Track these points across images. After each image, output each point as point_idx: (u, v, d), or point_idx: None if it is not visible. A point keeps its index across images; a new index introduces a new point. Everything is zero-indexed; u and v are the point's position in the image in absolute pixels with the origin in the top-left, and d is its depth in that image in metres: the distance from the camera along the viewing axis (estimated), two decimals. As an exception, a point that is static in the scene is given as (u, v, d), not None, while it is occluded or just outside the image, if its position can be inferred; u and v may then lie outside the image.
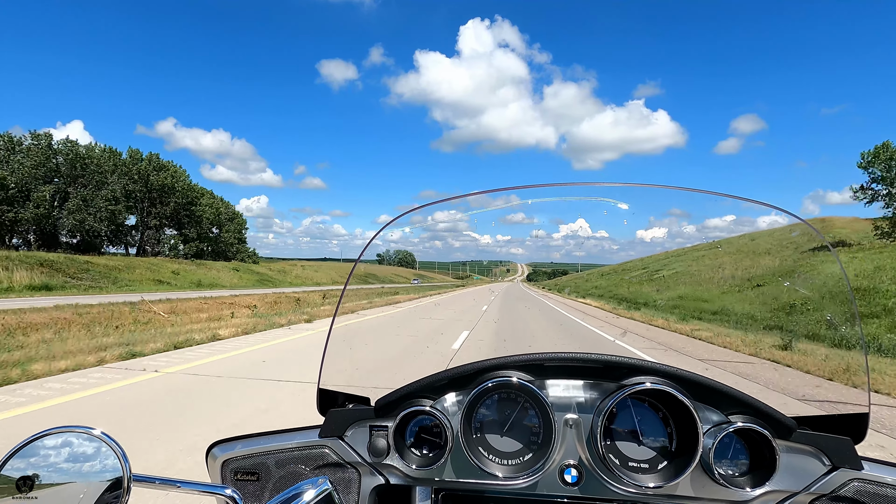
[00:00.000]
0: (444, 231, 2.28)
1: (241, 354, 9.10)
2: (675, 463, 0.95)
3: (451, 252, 10.82)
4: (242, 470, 1.08)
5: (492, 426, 1.04)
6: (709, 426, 0.95)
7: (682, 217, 1.44)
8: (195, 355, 8.86)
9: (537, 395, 0.97)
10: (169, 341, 9.77)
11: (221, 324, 13.59)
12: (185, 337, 10.41)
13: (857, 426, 0.98)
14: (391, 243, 1.37)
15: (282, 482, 1.05)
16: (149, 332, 11.76)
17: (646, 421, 0.99)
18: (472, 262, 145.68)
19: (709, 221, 1.65)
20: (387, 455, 1.03)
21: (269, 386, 6.57)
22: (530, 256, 6.38)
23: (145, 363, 7.97)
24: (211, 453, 1.11)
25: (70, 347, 8.69)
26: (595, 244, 2.73)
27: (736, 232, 1.88)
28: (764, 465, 0.93)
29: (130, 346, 8.95)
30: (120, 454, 0.79)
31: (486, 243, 6.43)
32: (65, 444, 0.79)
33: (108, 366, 7.72)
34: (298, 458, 1.07)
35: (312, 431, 1.10)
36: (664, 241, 1.91)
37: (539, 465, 0.97)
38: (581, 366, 1.04)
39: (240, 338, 11.36)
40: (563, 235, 2.18)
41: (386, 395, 1.07)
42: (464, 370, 1.05)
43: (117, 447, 0.79)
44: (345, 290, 1.58)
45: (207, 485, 0.87)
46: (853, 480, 0.93)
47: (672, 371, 0.98)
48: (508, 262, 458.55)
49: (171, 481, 0.83)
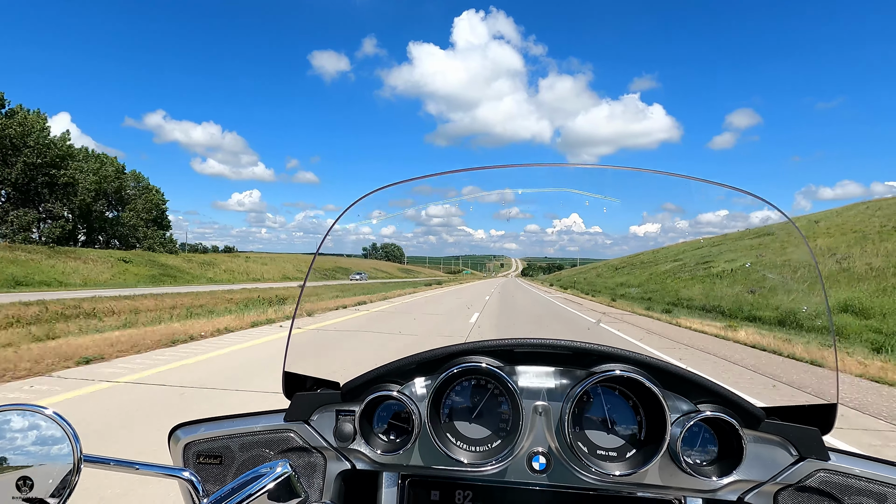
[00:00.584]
0: (437, 226, 2.26)
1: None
2: (643, 451, 0.95)
3: (445, 247, 10.75)
4: (205, 453, 1.05)
5: (461, 413, 1.02)
6: (678, 415, 0.95)
7: (675, 212, 1.44)
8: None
9: (506, 382, 0.96)
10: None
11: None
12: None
13: (826, 417, 0.99)
14: (383, 238, 1.31)
15: (245, 466, 1.03)
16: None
17: (616, 409, 0.99)
18: (466, 256, 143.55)
19: (701, 217, 1.65)
20: (353, 440, 1.01)
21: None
22: (524, 251, 6.36)
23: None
24: (173, 436, 1.08)
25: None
26: (588, 239, 2.76)
27: (729, 227, 1.87)
28: (732, 454, 0.93)
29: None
30: (70, 434, 0.76)
31: (481, 238, 6.40)
32: (9, 423, 0.75)
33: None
34: (263, 441, 1.05)
35: (278, 415, 1.08)
36: (657, 235, 1.91)
37: (507, 452, 0.96)
38: (552, 352, 1.03)
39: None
40: (556, 231, 2.19)
41: (353, 378, 1.05)
42: (432, 355, 1.03)
43: (68, 426, 0.76)
44: (304, 288, 1.52)
45: (165, 467, 0.85)
46: (819, 471, 0.93)
47: (642, 359, 0.97)
48: (502, 257, 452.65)
49: (127, 462, 0.81)
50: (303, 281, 1.39)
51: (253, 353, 8.87)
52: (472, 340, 1.04)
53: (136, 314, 16.50)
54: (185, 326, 11.62)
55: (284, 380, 1.11)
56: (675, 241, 2.11)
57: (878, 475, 0.92)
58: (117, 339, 9.34)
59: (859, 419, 5.87)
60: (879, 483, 0.92)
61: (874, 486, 0.92)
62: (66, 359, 7.52)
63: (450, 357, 1.02)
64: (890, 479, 0.92)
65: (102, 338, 9.70)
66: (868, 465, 0.94)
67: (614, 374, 0.93)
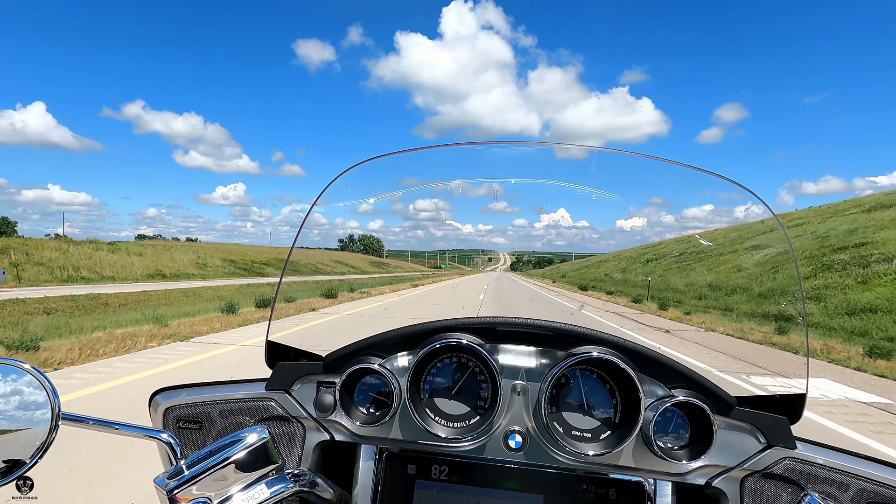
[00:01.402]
0: (425, 220, 2.25)
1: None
2: (616, 433, 0.97)
3: (433, 241, 10.66)
4: (185, 418, 1.06)
5: (441, 389, 1.04)
6: (652, 399, 0.97)
7: (662, 206, 1.45)
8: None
9: (486, 359, 0.97)
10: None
11: None
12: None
13: (795, 407, 1.02)
14: (371, 232, 1.30)
15: (224, 432, 1.04)
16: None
17: (593, 392, 1.01)
18: (453, 251, 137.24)
19: (687, 211, 1.66)
20: (333, 411, 1.02)
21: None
22: (512, 245, 6.36)
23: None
24: (153, 401, 1.09)
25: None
26: (576, 233, 2.77)
27: (714, 222, 1.89)
28: (702, 439, 0.95)
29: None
30: (49, 389, 0.76)
31: (468, 232, 6.41)
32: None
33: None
34: (243, 409, 1.06)
35: (259, 384, 1.09)
36: (643, 230, 1.93)
37: (484, 429, 0.98)
38: (533, 332, 1.04)
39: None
40: (544, 225, 2.20)
41: (335, 350, 1.06)
42: (414, 329, 1.04)
43: (46, 382, 0.77)
44: (280, 283, 1.49)
45: (145, 428, 0.85)
46: (785, 459, 0.96)
47: (620, 342, 0.99)
48: (490, 251, 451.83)
49: (106, 422, 0.81)
50: (279, 276, 1.38)
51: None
52: (455, 318, 1.05)
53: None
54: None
55: (267, 349, 1.11)
56: (661, 235, 2.12)
57: (841, 465, 0.95)
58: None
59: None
60: (841, 472, 0.95)
61: (836, 475, 0.95)
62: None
63: (432, 332, 1.03)
64: (852, 468, 0.95)
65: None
66: (832, 454, 0.97)
67: (592, 356, 0.95)
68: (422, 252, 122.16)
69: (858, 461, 0.97)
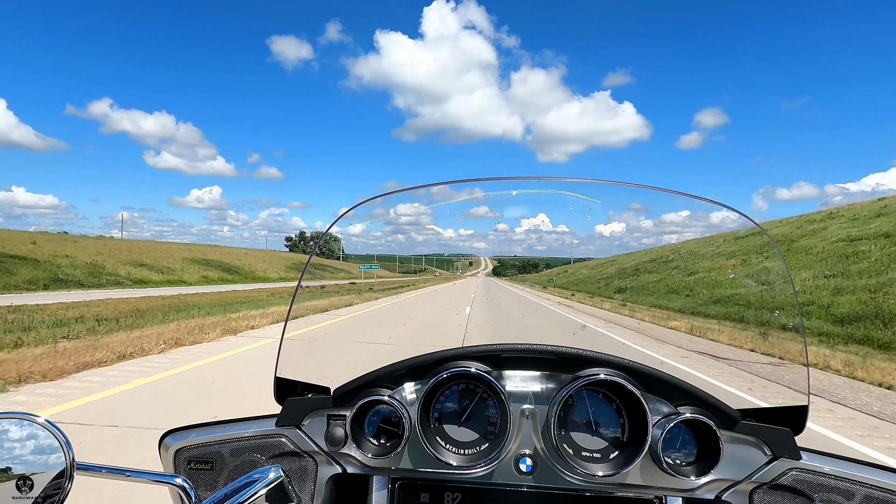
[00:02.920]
0: (406, 225, 2.26)
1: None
2: (625, 452, 0.98)
3: (413, 246, 10.40)
4: (196, 459, 1.06)
5: (450, 416, 1.05)
6: (659, 417, 0.98)
7: (640, 212, 1.48)
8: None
9: (494, 386, 0.99)
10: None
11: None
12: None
13: (798, 418, 1.03)
14: (352, 237, 1.31)
15: (237, 471, 1.04)
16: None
17: (600, 412, 1.02)
18: (432, 255, 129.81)
19: (665, 217, 1.70)
20: (344, 444, 1.03)
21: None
22: (493, 250, 6.09)
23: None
24: (163, 443, 1.09)
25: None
26: (556, 238, 2.81)
27: (690, 227, 1.92)
28: (710, 454, 0.96)
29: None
30: (63, 441, 0.77)
31: (450, 237, 6.43)
32: (3, 432, 0.76)
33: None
34: (254, 447, 1.06)
35: (269, 420, 1.09)
36: (622, 235, 1.96)
37: (494, 455, 0.98)
38: (539, 357, 1.06)
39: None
40: (525, 230, 2.23)
41: (344, 384, 1.07)
42: (422, 360, 1.05)
43: (60, 434, 0.77)
44: (298, 288, 1.49)
45: (157, 473, 0.85)
46: (792, 470, 0.97)
47: (625, 363, 1.01)
48: (471, 256, 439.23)
49: (119, 470, 0.81)
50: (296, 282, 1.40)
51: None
52: (461, 346, 1.07)
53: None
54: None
55: (276, 385, 1.12)
56: (639, 241, 2.13)
57: (846, 473, 0.97)
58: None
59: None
60: (847, 480, 0.96)
61: (842, 484, 0.96)
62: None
63: (439, 362, 1.05)
64: (856, 476, 0.96)
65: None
66: (837, 463, 0.99)
67: (598, 378, 0.96)
68: (390, 256, 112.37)
69: (862, 468, 0.98)
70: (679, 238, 30.06)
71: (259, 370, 7.36)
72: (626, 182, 1.13)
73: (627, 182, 1.12)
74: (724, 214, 1.16)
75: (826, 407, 6.42)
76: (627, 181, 1.15)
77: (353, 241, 13.22)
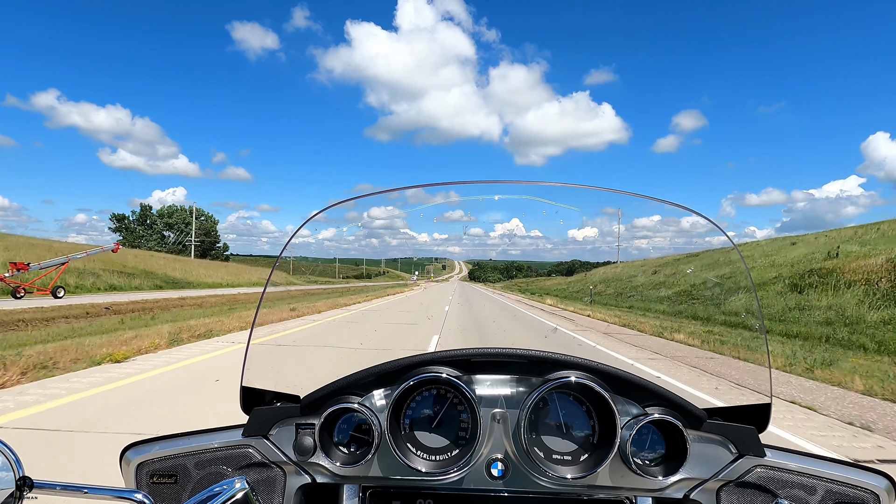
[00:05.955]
0: (380, 228, 2.25)
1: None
2: (595, 454, 0.99)
3: (388, 250, 10.23)
4: (159, 472, 1.02)
5: (422, 422, 1.04)
6: (627, 418, 1.00)
7: (613, 216, 1.50)
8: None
9: (464, 391, 0.98)
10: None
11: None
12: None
13: (761, 416, 1.06)
14: (325, 241, 1.30)
15: (202, 484, 1.01)
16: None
17: (571, 415, 1.03)
18: (405, 259, 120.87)
19: (637, 221, 1.73)
20: (313, 453, 1.01)
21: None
22: (467, 254, 5.98)
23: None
24: (125, 457, 1.05)
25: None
26: (530, 243, 2.85)
27: (661, 231, 1.96)
28: (677, 454, 0.98)
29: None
30: (12, 459, 0.73)
31: (424, 241, 6.43)
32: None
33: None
34: (220, 458, 1.03)
35: (236, 431, 1.06)
36: (595, 239, 1.98)
37: (465, 460, 0.98)
38: (508, 361, 1.06)
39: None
40: (498, 234, 2.24)
41: (312, 392, 1.05)
42: (391, 366, 1.04)
43: (8, 451, 0.73)
44: (263, 294, 1.45)
45: (115, 489, 0.82)
46: (757, 467, 1.00)
47: (594, 366, 1.02)
48: (444, 259, 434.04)
49: (75, 486, 0.78)
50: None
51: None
52: (431, 351, 1.06)
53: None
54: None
55: (242, 395, 1.09)
56: (611, 245, 2.17)
57: (808, 469, 1.00)
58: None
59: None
60: (809, 476, 1.00)
61: (805, 479, 1.00)
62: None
63: (409, 368, 1.04)
64: (818, 471, 1.00)
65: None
66: (799, 459, 1.02)
67: (568, 381, 0.97)
68: (353, 259, 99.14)
69: (824, 464, 1.02)
70: (649, 243, 30.05)
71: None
72: (601, 187, 1.15)
73: (602, 187, 1.14)
74: (694, 219, 1.19)
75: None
76: (603, 185, 1.16)
77: (326, 246, 12.14)
